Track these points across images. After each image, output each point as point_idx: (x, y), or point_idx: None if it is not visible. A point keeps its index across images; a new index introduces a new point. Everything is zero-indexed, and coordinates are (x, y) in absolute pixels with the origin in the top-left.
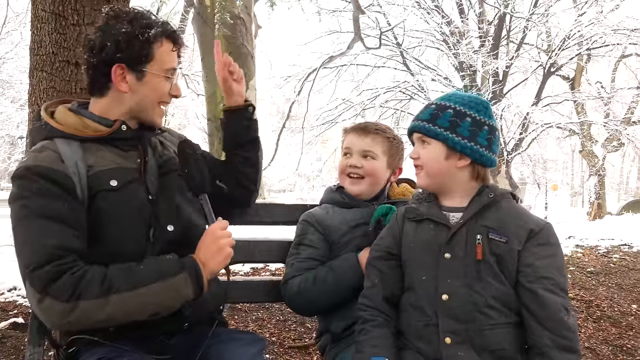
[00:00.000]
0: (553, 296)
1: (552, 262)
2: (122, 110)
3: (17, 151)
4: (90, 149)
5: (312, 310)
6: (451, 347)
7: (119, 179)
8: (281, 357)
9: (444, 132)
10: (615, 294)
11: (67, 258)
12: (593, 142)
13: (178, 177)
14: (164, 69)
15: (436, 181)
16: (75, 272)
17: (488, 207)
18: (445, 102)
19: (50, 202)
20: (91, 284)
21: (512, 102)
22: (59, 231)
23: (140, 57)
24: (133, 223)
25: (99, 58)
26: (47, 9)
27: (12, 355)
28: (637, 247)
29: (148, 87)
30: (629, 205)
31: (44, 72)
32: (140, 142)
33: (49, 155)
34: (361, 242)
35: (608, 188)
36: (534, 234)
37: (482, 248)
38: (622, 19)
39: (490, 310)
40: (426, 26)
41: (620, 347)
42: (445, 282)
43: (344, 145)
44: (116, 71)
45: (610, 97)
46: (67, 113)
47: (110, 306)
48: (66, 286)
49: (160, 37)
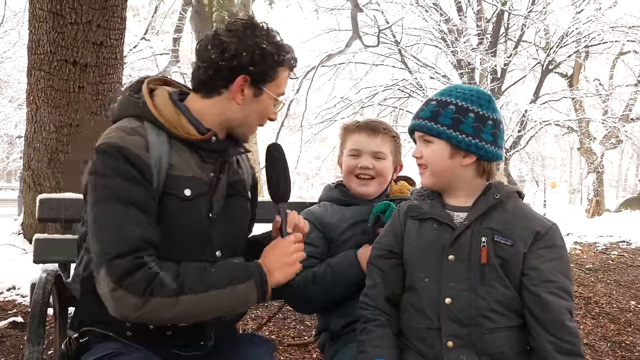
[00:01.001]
0: (557, 299)
1: (558, 264)
2: (221, 117)
3: (15, 150)
4: (176, 147)
5: (312, 308)
6: (453, 351)
7: (192, 190)
8: (281, 355)
9: (447, 131)
10: (614, 290)
11: (147, 251)
12: (591, 140)
13: (242, 199)
14: (278, 92)
15: (441, 180)
16: (150, 267)
17: (494, 208)
18: (446, 97)
19: (132, 186)
20: (164, 283)
21: (510, 100)
22: (141, 220)
23: (267, 76)
24: (187, 237)
25: (228, 63)
26: (44, 8)
27: (12, 355)
28: (636, 243)
29: (260, 105)
30: (628, 202)
31: (42, 71)
32: (222, 156)
33: (138, 141)
34: (360, 240)
35: (606, 185)
36: (540, 237)
37: (487, 251)
38: (620, 16)
39: (493, 314)
40: (424, 24)
41: (618, 344)
42: (449, 285)
43: (352, 146)
44: (240, 81)
45: (609, 94)
46: (167, 102)
47: (179, 306)
48: (141, 281)
49: (288, 63)
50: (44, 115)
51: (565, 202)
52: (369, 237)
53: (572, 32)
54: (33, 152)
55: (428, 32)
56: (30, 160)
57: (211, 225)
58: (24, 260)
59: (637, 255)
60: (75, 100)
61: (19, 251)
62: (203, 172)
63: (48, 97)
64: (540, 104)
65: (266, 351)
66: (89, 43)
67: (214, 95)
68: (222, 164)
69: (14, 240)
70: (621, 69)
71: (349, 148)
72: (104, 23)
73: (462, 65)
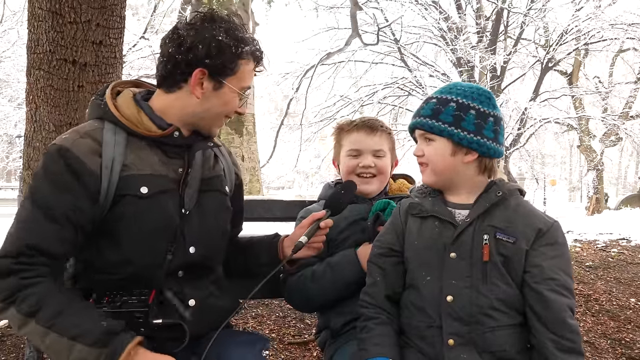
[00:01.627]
0: (559, 297)
1: (559, 262)
2: (183, 112)
3: (15, 150)
4: (134, 144)
5: (313, 307)
6: (454, 349)
7: (150, 187)
8: (281, 353)
9: (449, 128)
10: (614, 287)
11: (32, 258)
12: (591, 137)
13: (219, 194)
14: (241, 86)
15: (442, 178)
16: (25, 277)
17: (496, 205)
18: (446, 95)
19: (57, 193)
20: (27, 299)
21: (510, 98)
22: (43, 228)
23: (226, 69)
24: (154, 235)
25: (185, 56)
26: (44, 7)
27: (12, 354)
28: (636, 241)
29: (221, 99)
30: (627, 199)
31: (41, 71)
32: (187, 151)
33: (87, 145)
34: (360, 238)
35: (606, 183)
36: (542, 234)
37: (490, 249)
38: (620, 14)
39: (494, 312)
40: (424, 22)
41: (618, 341)
42: (450, 282)
43: (351, 146)
44: (197, 75)
45: (608, 91)
46: (129, 101)
47: (25, 328)
48: (6, 287)
49: (250, 56)
50: (43, 114)
51: (565, 200)
52: (369, 235)
53: (571, 29)
54: (33, 152)
55: (427, 30)
56: (30, 159)
57: (183, 220)
58: None
59: (636, 253)
60: (74, 100)
61: None
62: (168, 168)
63: (47, 96)
64: (540, 101)
65: (257, 351)
66: (89, 42)
67: (175, 90)
68: (190, 160)
69: None
70: (621, 67)
71: (347, 148)
72: (103, 22)
73: (462, 63)
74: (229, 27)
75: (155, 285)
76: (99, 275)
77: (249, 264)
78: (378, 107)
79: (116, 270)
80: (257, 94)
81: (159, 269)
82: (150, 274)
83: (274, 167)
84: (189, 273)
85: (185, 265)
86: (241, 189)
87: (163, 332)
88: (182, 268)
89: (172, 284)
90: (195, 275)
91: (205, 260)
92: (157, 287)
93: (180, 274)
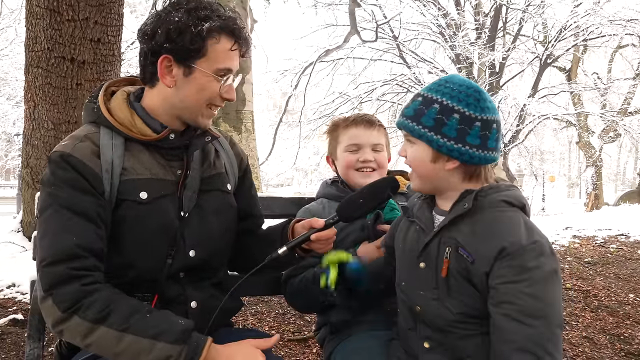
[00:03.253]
0: (512, 324)
1: (525, 286)
2: (165, 106)
3: (13, 148)
4: (132, 148)
5: (313, 308)
6: (429, 352)
7: (149, 192)
8: (281, 350)
9: (428, 133)
10: (613, 283)
11: (86, 260)
12: (590, 133)
13: (221, 194)
14: (216, 68)
15: (427, 183)
16: (86, 283)
17: (463, 217)
18: (432, 94)
19: (77, 195)
20: (92, 305)
21: (508, 94)
22: (83, 227)
23: (190, 51)
24: (154, 240)
25: (148, 45)
26: (41, 5)
27: (12, 352)
28: (634, 237)
29: (194, 84)
30: (626, 195)
31: (39, 69)
32: (186, 152)
33: (87, 147)
34: (358, 236)
35: (605, 179)
36: (505, 254)
37: (449, 264)
38: (619, 9)
39: (460, 324)
40: (422, 19)
41: (617, 336)
42: (419, 293)
43: (350, 141)
44: (163, 62)
45: (607, 88)
46: (122, 104)
47: (93, 336)
48: (70, 295)
49: (217, 33)
50: (42, 112)
51: (564, 196)
52: (368, 233)
53: (570, 25)
54: (31, 150)
55: (426, 27)
56: (28, 157)
57: (183, 223)
58: (23, 258)
59: (635, 249)
60: (73, 97)
61: (19, 249)
62: (167, 171)
63: (46, 94)
64: (538, 98)
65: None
66: (87, 40)
67: (155, 84)
68: (189, 163)
69: (14, 237)
70: (619, 63)
71: (346, 143)
72: (101, 20)
73: (461, 59)
74: (191, 7)
75: (157, 288)
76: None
77: (266, 254)
78: (377, 104)
79: (119, 274)
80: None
81: (160, 272)
82: (152, 278)
83: (273, 164)
84: (190, 275)
85: (186, 268)
86: (248, 178)
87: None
88: (183, 270)
89: (174, 287)
90: (196, 277)
91: (206, 262)
92: (159, 290)
93: (181, 275)
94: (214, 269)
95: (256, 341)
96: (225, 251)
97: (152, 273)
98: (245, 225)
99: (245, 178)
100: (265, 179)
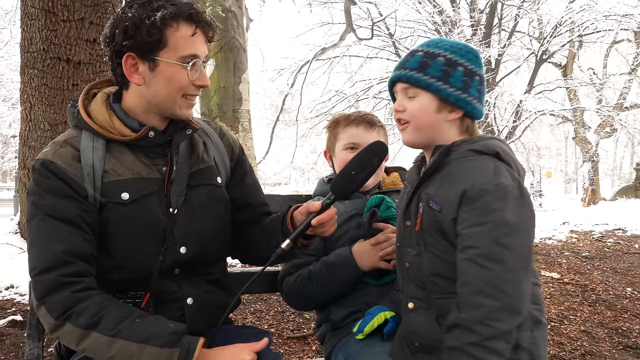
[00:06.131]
0: (472, 267)
1: (488, 229)
2: (141, 105)
3: (10, 150)
4: (114, 150)
5: (310, 306)
6: (412, 312)
7: (132, 192)
8: (280, 348)
9: (436, 83)
10: (610, 277)
11: (75, 265)
12: (586, 129)
13: (210, 188)
14: (180, 57)
15: (422, 135)
16: (77, 290)
17: (438, 170)
18: (434, 49)
19: (61, 201)
20: (84, 312)
21: (505, 90)
22: (69, 234)
23: (150, 44)
24: (142, 239)
25: (111, 48)
26: (36, 6)
27: (11, 353)
28: (631, 231)
29: (162, 77)
30: (623, 190)
31: (35, 70)
32: (169, 148)
33: (67, 153)
34: (355, 234)
35: (602, 174)
36: (467, 198)
37: (422, 218)
38: (614, 5)
39: (438, 279)
40: (418, 16)
41: (615, 330)
42: (406, 250)
43: (349, 139)
44: (127, 61)
45: (603, 83)
46: (101, 106)
47: (86, 341)
48: (61, 303)
49: (173, 20)
50: (38, 113)
51: (561, 192)
52: (364, 231)
53: (565, 21)
54: (28, 151)
55: (422, 24)
56: (25, 159)
57: (172, 220)
58: (22, 259)
59: (632, 243)
60: (69, 98)
61: (17, 250)
62: (151, 170)
63: (42, 95)
64: (534, 94)
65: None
66: (82, 40)
67: (127, 85)
68: (173, 156)
69: (11, 239)
70: (615, 58)
71: (345, 141)
72: (97, 20)
73: None
74: (144, 2)
75: (150, 286)
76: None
77: (271, 246)
78: (373, 102)
79: (110, 275)
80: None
81: (152, 270)
82: (144, 277)
83: (270, 163)
84: (184, 271)
85: (178, 265)
86: (242, 167)
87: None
88: (177, 267)
89: (169, 284)
90: (191, 273)
91: (199, 257)
92: (152, 289)
93: (176, 272)
94: (208, 264)
95: (245, 345)
96: (219, 246)
97: (144, 272)
98: (244, 216)
99: (238, 167)
100: (263, 177)
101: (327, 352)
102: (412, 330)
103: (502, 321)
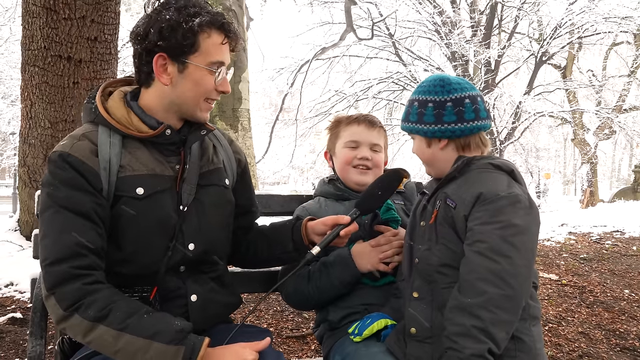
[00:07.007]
0: (480, 258)
1: (498, 228)
2: (163, 104)
3: (8, 147)
4: (129, 146)
5: (309, 306)
6: (416, 301)
7: (147, 188)
8: (279, 347)
9: (415, 126)
10: (608, 279)
11: (87, 258)
12: (585, 130)
13: (219, 189)
14: (209, 62)
15: (433, 167)
16: (87, 282)
17: (457, 177)
18: (412, 96)
19: (77, 194)
20: (93, 305)
21: (504, 92)
22: (82, 226)
23: (183, 47)
24: (152, 235)
25: (142, 46)
26: (38, 3)
27: (12, 350)
28: (629, 233)
29: (190, 80)
30: (621, 192)
31: (36, 67)
32: (183, 147)
33: (85, 146)
34: (354, 235)
35: (600, 176)
36: (482, 200)
37: (437, 213)
38: (613, 7)
39: (445, 268)
40: (418, 16)
41: (613, 332)
42: (417, 247)
43: (350, 137)
44: (157, 61)
45: (602, 85)
46: (119, 103)
47: (93, 334)
48: (71, 294)
49: (208, 27)
50: (38, 111)
51: (559, 193)
52: (364, 233)
53: (565, 23)
54: (28, 149)
55: (422, 25)
56: (25, 156)
57: (182, 217)
58: (21, 257)
59: (630, 245)
60: (70, 96)
61: (16, 247)
62: (165, 167)
63: (43, 93)
64: (534, 95)
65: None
66: (83, 38)
67: (150, 83)
68: (186, 155)
69: (11, 236)
70: (614, 60)
71: (346, 140)
72: (98, 18)
73: (456, 57)
74: (180, 6)
75: (157, 282)
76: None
77: (274, 252)
78: (373, 102)
79: (118, 269)
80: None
81: (160, 266)
82: (151, 272)
83: (269, 162)
84: (190, 269)
85: (185, 262)
86: (246, 175)
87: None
88: (183, 264)
89: (174, 280)
90: (196, 270)
91: (206, 255)
92: (158, 284)
93: (182, 269)
94: (213, 262)
95: (247, 344)
96: (224, 245)
97: (152, 267)
98: (244, 222)
99: (244, 175)
100: (262, 177)
101: (326, 352)
102: (412, 316)
103: (504, 310)
